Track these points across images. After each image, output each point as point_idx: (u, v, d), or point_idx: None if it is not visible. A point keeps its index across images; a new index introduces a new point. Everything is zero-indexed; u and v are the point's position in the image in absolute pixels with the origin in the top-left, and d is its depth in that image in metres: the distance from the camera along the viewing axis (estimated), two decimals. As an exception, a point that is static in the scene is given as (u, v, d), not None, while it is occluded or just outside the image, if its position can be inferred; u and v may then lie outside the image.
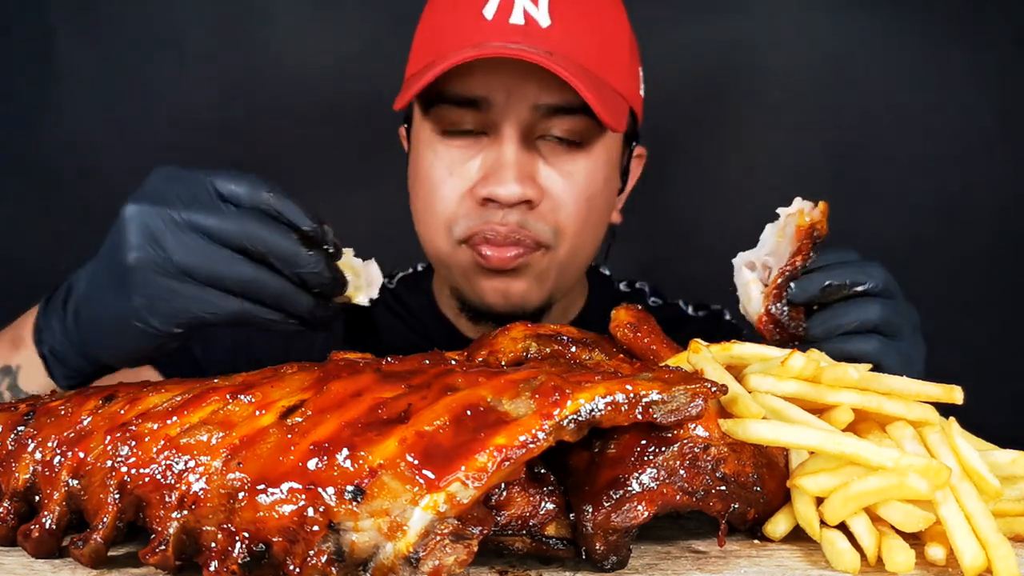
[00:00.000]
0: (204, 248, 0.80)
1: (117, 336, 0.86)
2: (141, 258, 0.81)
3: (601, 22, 1.20)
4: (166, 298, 0.82)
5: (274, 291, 0.82)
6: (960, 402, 0.66)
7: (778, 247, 0.88)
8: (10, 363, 0.99)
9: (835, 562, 0.61)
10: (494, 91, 1.12)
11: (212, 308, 0.82)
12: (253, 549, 0.56)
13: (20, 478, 0.67)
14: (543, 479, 0.62)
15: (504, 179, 1.12)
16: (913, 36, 1.73)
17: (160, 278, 0.81)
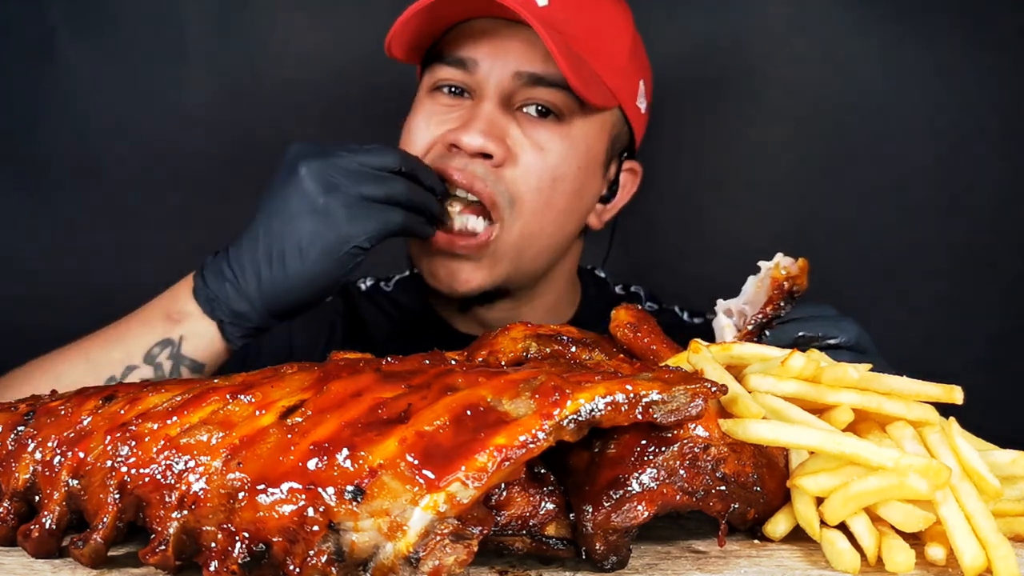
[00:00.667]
0: (375, 177, 1.05)
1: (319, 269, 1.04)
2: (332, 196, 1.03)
3: (600, 17, 1.23)
4: (362, 219, 1.03)
5: (422, 197, 1.09)
6: (960, 402, 0.66)
7: (755, 296, 0.93)
8: (171, 335, 1.10)
9: (835, 562, 0.61)
10: (480, 53, 1.19)
11: (392, 222, 1.06)
12: (253, 549, 0.56)
13: (20, 478, 0.67)
14: (543, 479, 0.62)
15: (470, 128, 1.17)
16: (913, 35, 1.73)
17: (350, 209, 1.03)
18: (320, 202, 1.02)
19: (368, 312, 1.43)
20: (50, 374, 1.11)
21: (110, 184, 1.73)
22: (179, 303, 1.10)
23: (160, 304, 1.12)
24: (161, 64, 1.72)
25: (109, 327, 1.14)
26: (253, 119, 1.72)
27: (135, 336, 1.11)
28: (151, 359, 1.10)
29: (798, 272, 0.92)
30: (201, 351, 1.10)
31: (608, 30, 1.23)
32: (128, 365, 1.10)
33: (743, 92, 1.75)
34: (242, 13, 1.72)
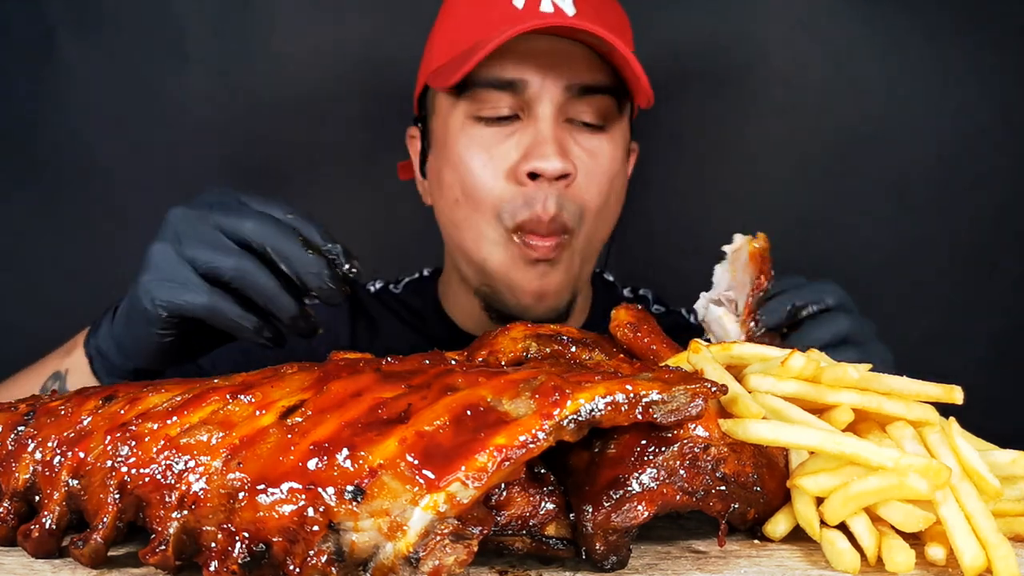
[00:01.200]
0: (213, 240, 0.86)
1: (133, 322, 0.92)
2: (159, 247, 0.89)
3: (617, 19, 1.27)
4: (163, 282, 0.87)
5: (262, 288, 0.86)
6: (960, 402, 0.66)
7: (736, 280, 0.92)
8: (60, 368, 1.05)
9: (835, 562, 0.61)
10: (529, 73, 1.18)
11: (190, 296, 0.86)
12: (253, 549, 0.56)
13: (20, 478, 0.67)
14: (543, 479, 0.62)
15: (546, 153, 1.16)
16: (913, 35, 1.73)
17: (166, 264, 0.88)
18: (150, 249, 0.89)
19: (377, 312, 1.44)
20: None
21: (110, 184, 1.73)
22: (80, 334, 1.06)
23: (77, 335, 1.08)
24: (161, 64, 1.72)
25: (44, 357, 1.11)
26: (253, 119, 1.72)
27: (43, 366, 1.08)
28: (44, 391, 1.05)
29: (765, 244, 0.92)
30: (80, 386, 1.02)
31: (622, 24, 1.28)
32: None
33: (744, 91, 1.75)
34: (242, 13, 1.72)
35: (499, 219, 1.20)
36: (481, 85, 1.19)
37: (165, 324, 0.89)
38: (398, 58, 1.61)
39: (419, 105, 1.37)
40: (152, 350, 0.93)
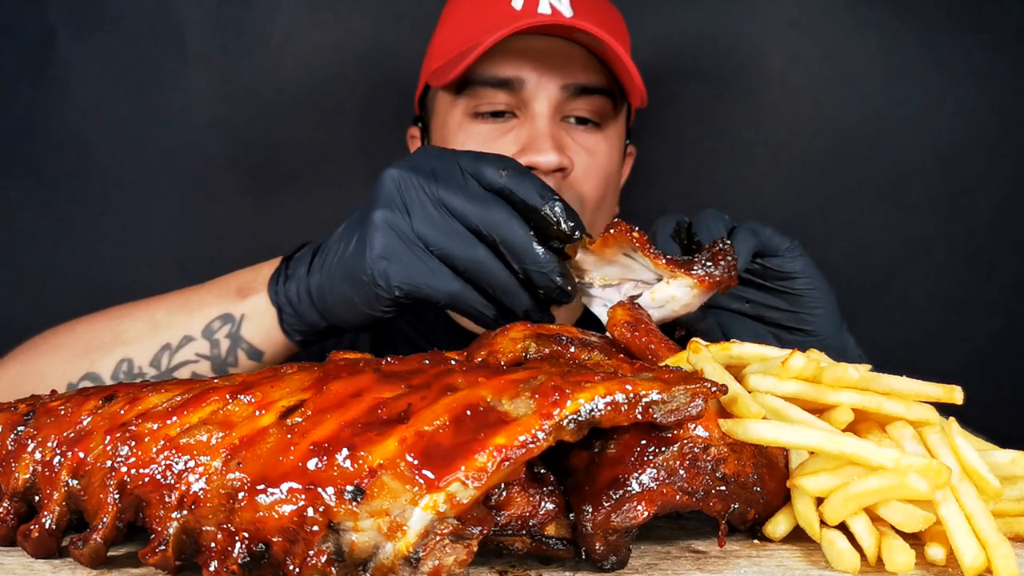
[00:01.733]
0: (444, 223, 0.83)
1: (348, 288, 0.89)
2: (387, 217, 0.84)
3: (611, 17, 1.30)
4: (399, 260, 0.84)
5: (498, 282, 0.84)
6: (960, 402, 0.66)
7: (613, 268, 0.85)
8: (232, 311, 1.01)
9: (835, 562, 0.61)
10: (526, 71, 1.21)
11: (436, 282, 0.84)
12: (253, 549, 0.56)
13: (20, 478, 0.67)
14: (543, 479, 0.62)
15: (542, 148, 1.19)
16: (913, 36, 1.73)
17: (397, 241, 0.84)
18: (373, 217, 0.85)
19: None
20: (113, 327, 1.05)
21: (110, 184, 1.73)
22: (254, 278, 1.02)
23: (240, 276, 1.04)
24: (161, 64, 1.72)
25: (188, 289, 1.07)
26: (253, 119, 1.72)
27: (202, 304, 1.03)
28: (209, 333, 1.01)
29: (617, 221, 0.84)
30: (260, 336, 1.00)
31: (619, 26, 1.30)
32: (186, 335, 1.02)
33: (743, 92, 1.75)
34: (242, 13, 1.72)
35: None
36: (479, 83, 1.22)
37: (394, 304, 0.87)
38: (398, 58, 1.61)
39: (420, 105, 1.38)
40: (362, 320, 0.91)
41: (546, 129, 1.20)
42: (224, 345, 1.01)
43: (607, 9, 1.30)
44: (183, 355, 1.01)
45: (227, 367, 1.01)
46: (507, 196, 0.83)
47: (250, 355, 1.01)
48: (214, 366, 1.01)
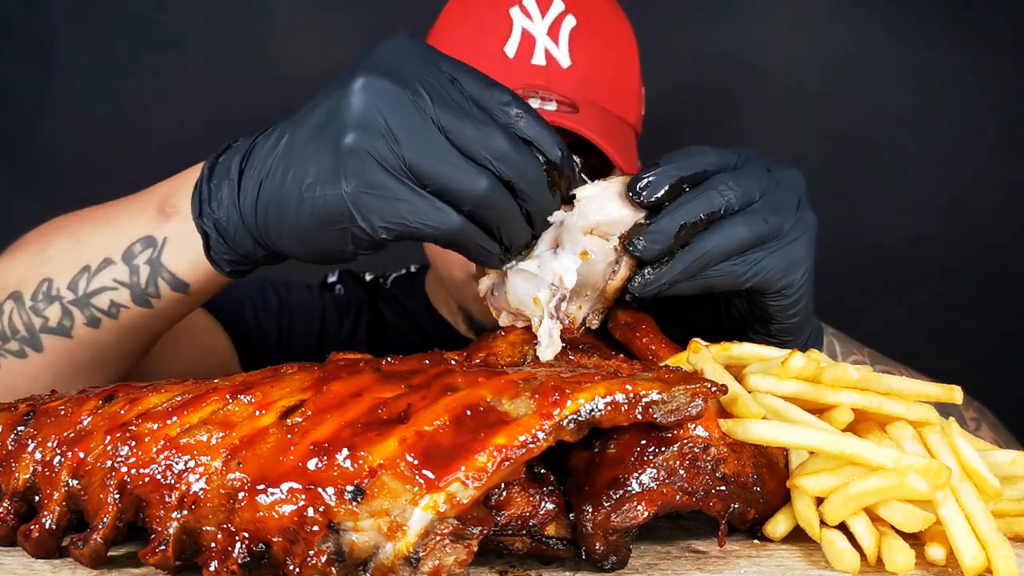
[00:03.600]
0: (442, 149, 0.68)
1: (309, 225, 0.73)
2: (363, 143, 0.68)
3: (617, 55, 1.22)
4: (382, 195, 0.69)
5: (505, 216, 0.71)
6: (960, 402, 0.66)
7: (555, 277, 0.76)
8: (154, 233, 0.86)
9: (835, 562, 0.61)
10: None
11: (432, 220, 0.69)
12: (253, 549, 0.56)
13: (20, 478, 0.67)
14: (543, 479, 0.62)
15: None
16: (913, 36, 1.73)
17: (381, 173, 0.68)
18: (346, 142, 0.69)
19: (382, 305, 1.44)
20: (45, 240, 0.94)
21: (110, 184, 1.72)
22: (177, 193, 0.86)
23: (164, 187, 0.89)
24: (161, 64, 1.72)
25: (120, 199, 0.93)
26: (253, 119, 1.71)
27: (124, 222, 0.88)
28: (129, 257, 0.87)
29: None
30: (184, 265, 0.84)
31: (625, 66, 1.23)
32: (106, 257, 0.88)
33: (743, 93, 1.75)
34: (242, 13, 1.72)
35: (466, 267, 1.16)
36: None
37: (375, 245, 0.73)
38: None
39: None
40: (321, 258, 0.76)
41: None
42: (144, 273, 0.86)
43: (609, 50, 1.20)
44: (101, 280, 0.88)
45: (148, 298, 0.87)
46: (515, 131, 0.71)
47: (173, 286, 0.86)
48: (133, 296, 0.87)
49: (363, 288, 1.46)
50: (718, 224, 0.76)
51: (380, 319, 1.43)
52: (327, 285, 1.46)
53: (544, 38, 1.15)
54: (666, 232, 0.74)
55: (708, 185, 0.76)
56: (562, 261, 0.74)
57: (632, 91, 1.23)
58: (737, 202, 0.76)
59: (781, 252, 0.80)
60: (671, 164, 0.76)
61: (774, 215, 0.79)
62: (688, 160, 0.77)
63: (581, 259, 0.74)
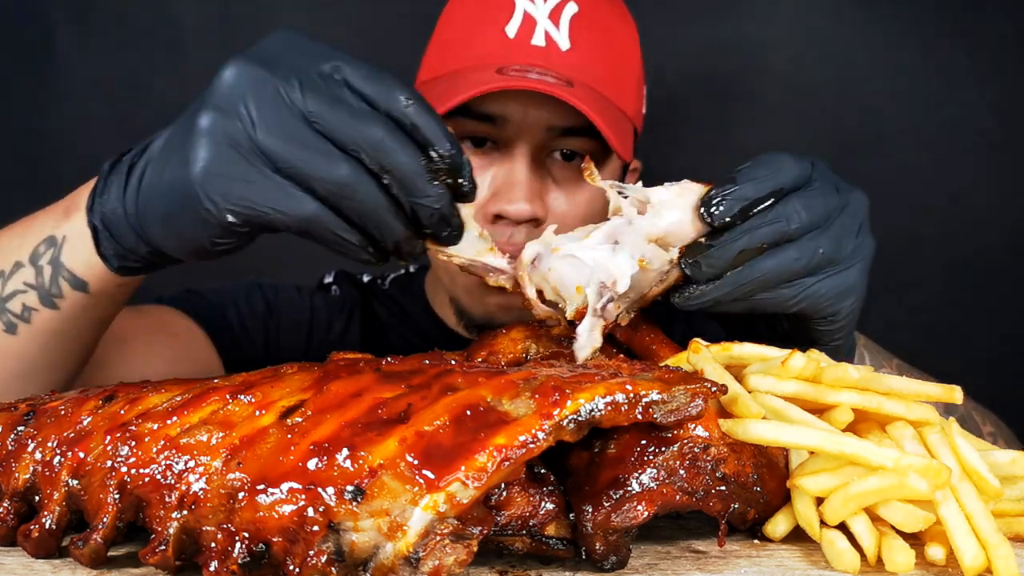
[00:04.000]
0: (301, 133, 0.66)
1: (170, 209, 0.72)
2: (216, 123, 0.67)
3: (616, 45, 1.23)
4: (229, 176, 0.67)
5: (369, 207, 0.67)
6: (960, 402, 0.66)
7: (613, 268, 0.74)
8: (56, 233, 0.86)
9: (835, 562, 0.61)
10: (511, 111, 1.15)
11: (282, 205, 0.67)
12: (253, 549, 0.56)
13: (20, 478, 0.67)
14: (543, 479, 0.62)
15: (514, 197, 1.14)
16: (913, 36, 1.73)
17: (230, 150, 0.67)
18: (200, 123, 0.68)
19: (378, 306, 1.44)
20: None
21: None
22: (84, 192, 0.85)
23: (78, 190, 0.88)
24: (161, 64, 1.72)
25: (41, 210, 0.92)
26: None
27: (36, 226, 0.89)
28: (35, 259, 0.87)
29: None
30: (80, 263, 0.84)
31: (624, 58, 1.24)
32: (17, 260, 0.89)
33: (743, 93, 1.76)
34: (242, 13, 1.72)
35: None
36: (463, 114, 1.16)
37: (225, 232, 0.70)
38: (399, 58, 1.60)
39: None
40: (189, 249, 0.75)
41: (523, 176, 1.14)
42: (47, 272, 0.86)
43: (611, 35, 1.22)
44: (13, 283, 0.88)
45: (53, 299, 0.87)
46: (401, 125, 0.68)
47: (73, 285, 0.85)
48: (40, 297, 0.87)
49: (357, 288, 1.46)
50: (774, 250, 0.76)
51: (374, 319, 1.42)
52: (323, 286, 1.46)
53: (545, 21, 1.16)
54: (725, 258, 0.74)
55: (778, 214, 0.75)
56: (620, 263, 0.74)
57: (631, 85, 1.23)
58: (801, 230, 0.76)
59: (834, 279, 0.79)
60: (748, 183, 0.75)
61: (833, 243, 0.78)
62: (766, 181, 0.76)
63: (638, 266, 0.74)
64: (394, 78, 0.68)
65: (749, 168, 0.76)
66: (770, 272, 0.76)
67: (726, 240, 0.74)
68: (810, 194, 0.77)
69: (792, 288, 0.78)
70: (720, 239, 0.75)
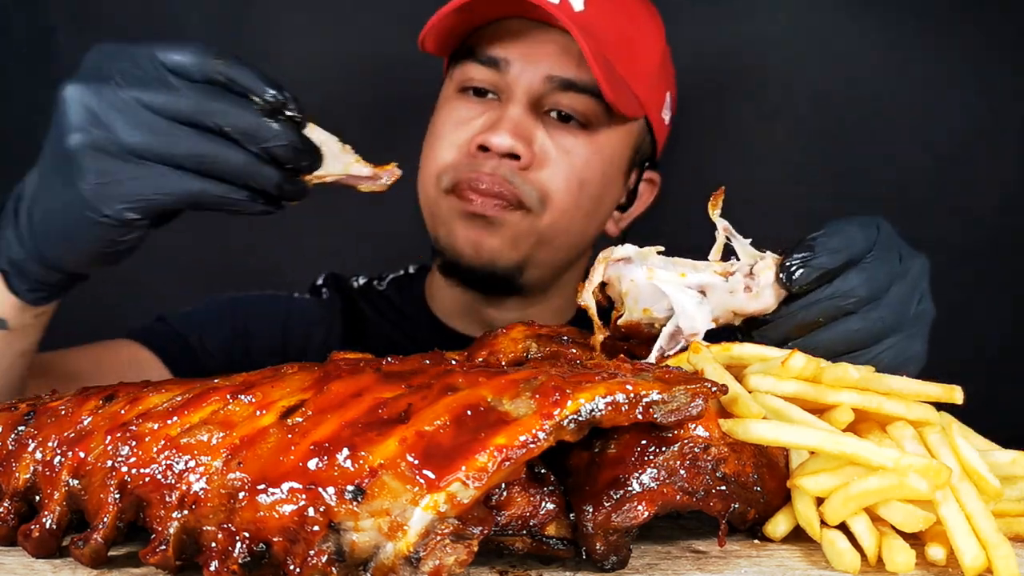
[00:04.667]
0: (154, 124, 0.74)
1: (69, 231, 0.79)
2: (84, 140, 0.74)
3: (633, 27, 1.24)
4: (115, 180, 0.74)
5: (236, 165, 0.75)
6: (960, 402, 0.66)
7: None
8: None
9: (835, 562, 0.61)
10: (512, 54, 1.18)
11: (166, 188, 0.75)
12: (253, 549, 0.56)
13: (20, 478, 0.67)
14: (543, 479, 0.62)
15: (499, 130, 1.16)
16: (913, 36, 1.73)
17: (107, 159, 0.74)
18: (69, 144, 0.75)
19: (366, 309, 1.43)
20: None
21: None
22: None
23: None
24: (161, 64, 1.72)
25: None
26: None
27: None
28: None
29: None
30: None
31: (642, 39, 1.25)
32: None
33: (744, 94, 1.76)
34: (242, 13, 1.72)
35: (439, 181, 1.21)
36: (468, 58, 1.20)
37: (129, 228, 0.77)
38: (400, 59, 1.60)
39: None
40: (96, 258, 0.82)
41: (513, 114, 1.17)
42: None
43: (631, 18, 1.23)
44: None
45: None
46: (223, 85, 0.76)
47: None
48: None
49: (341, 292, 1.45)
50: (835, 322, 0.78)
51: (360, 322, 1.42)
52: (315, 288, 1.46)
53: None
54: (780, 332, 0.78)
55: (836, 289, 0.78)
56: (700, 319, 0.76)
57: (645, 68, 1.23)
58: (860, 305, 0.78)
59: (896, 348, 0.81)
60: (825, 254, 0.77)
61: (894, 314, 0.80)
62: (841, 252, 0.78)
63: (713, 324, 0.77)
64: (202, 45, 0.76)
65: (825, 237, 0.79)
66: (830, 343, 0.78)
67: (783, 315, 0.78)
68: (872, 266, 0.79)
69: (853, 359, 0.79)
70: (779, 312, 0.78)
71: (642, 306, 0.77)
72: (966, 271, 1.76)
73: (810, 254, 0.77)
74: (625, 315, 0.78)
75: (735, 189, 1.85)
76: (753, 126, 1.77)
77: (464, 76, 1.22)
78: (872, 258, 0.79)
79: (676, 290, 0.76)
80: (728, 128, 1.78)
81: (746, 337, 0.79)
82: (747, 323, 0.79)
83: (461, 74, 1.23)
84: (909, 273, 0.82)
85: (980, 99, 1.73)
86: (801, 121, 1.76)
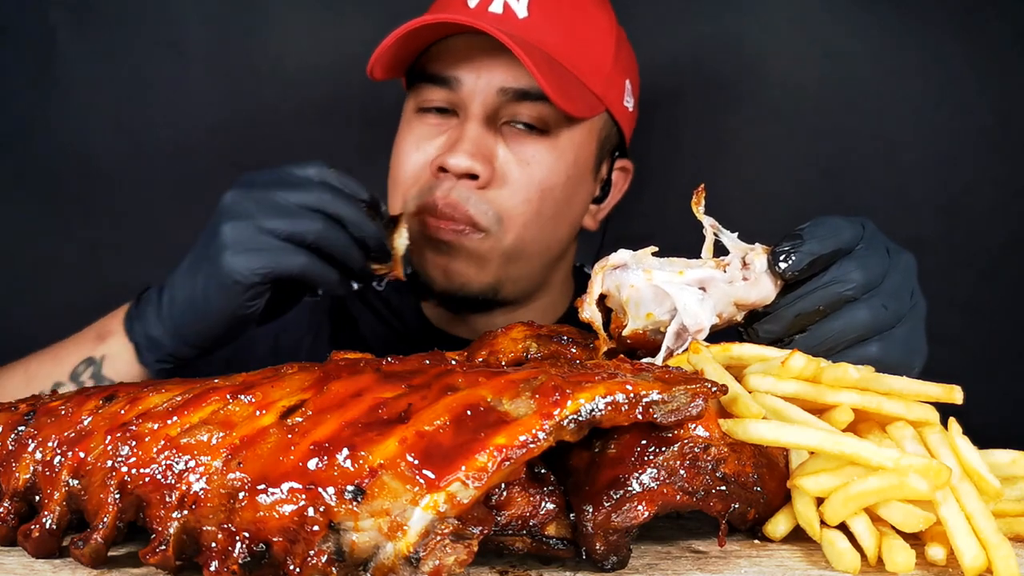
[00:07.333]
0: (285, 210, 0.97)
1: (203, 299, 1.00)
2: (234, 225, 0.97)
3: (582, 24, 1.24)
4: (253, 250, 0.96)
5: (341, 244, 0.99)
6: (960, 402, 0.66)
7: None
8: (94, 354, 1.10)
9: (835, 562, 0.61)
10: (463, 71, 1.18)
11: (287, 260, 0.97)
12: (253, 549, 0.56)
13: (20, 478, 0.67)
14: (543, 479, 0.62)
15: (456, 151, 1.17)
16: (913, 36, 1.73)
17: (247, 237, 0.97)
18: (221, 231, 0.98)
19: (358, 311, 1.43)
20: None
21: (110, 184, 1.72)
22: (111, 323, 1.11)
23: (98, 324, 1.13)
24: (161, 64, 1.72)
25: (58, 343, 1.15)
26: (253, 119, 1.72)
27: (68, 353, 1.12)
28: (76, 376, 1.10)
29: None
30: (120, 373, 1.08)
31: (592, 33, 1.24)
32: (56, 381, 1.10)
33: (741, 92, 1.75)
34: (242, 13, 1.72)
35: (404, 205, 1.23)
36: (421, 79, 1.22)
37: (255, 293, 0.98)
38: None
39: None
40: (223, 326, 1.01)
41: (470, 134, 1.18)
42: (89, 385, 1.04)
43: (577, 16, 1.23)
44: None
45: None
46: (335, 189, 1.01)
47: None
48: None
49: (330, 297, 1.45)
50: (838, 311, 0.79)
51: (351, 320, 1.42)
52: None
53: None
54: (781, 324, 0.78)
55: (833, 276, 0.79)
56: (704, 314, 0.76)
57: (599, 65, 1.22)
58: (857, 291, 0.79)
59: (899, 340, 0.81)
60: (813, 240, 0.79)
61: (896, 300, 0.80)
62: (828, 239, 0.79)
63: (717, 319, 0.77)
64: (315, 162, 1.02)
65: (811, 227, 0.80)
66: (838, 332, 0.79)
67: (782, 305, 0.78)
68: (864, 256, 0.80)
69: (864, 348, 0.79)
70: (777, 304, 0.78)
71: (645, 311, 0.77)
72: (966, 271, 1.76)
73: (799, 241, 0.79)
74: (629, 325, 0.78)
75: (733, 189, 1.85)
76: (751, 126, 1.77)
77: (420, 97, 1.24)
78: (863, 248, 0.80)
79: (677, 288, 0.76)
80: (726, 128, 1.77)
81: (750, 332, 0.79)
82: (749, 318, 0.79)
83: (417, 95, 1.25)
84: (899, 265, 0.83)
85: (979, 100, 1.73)
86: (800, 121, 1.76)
